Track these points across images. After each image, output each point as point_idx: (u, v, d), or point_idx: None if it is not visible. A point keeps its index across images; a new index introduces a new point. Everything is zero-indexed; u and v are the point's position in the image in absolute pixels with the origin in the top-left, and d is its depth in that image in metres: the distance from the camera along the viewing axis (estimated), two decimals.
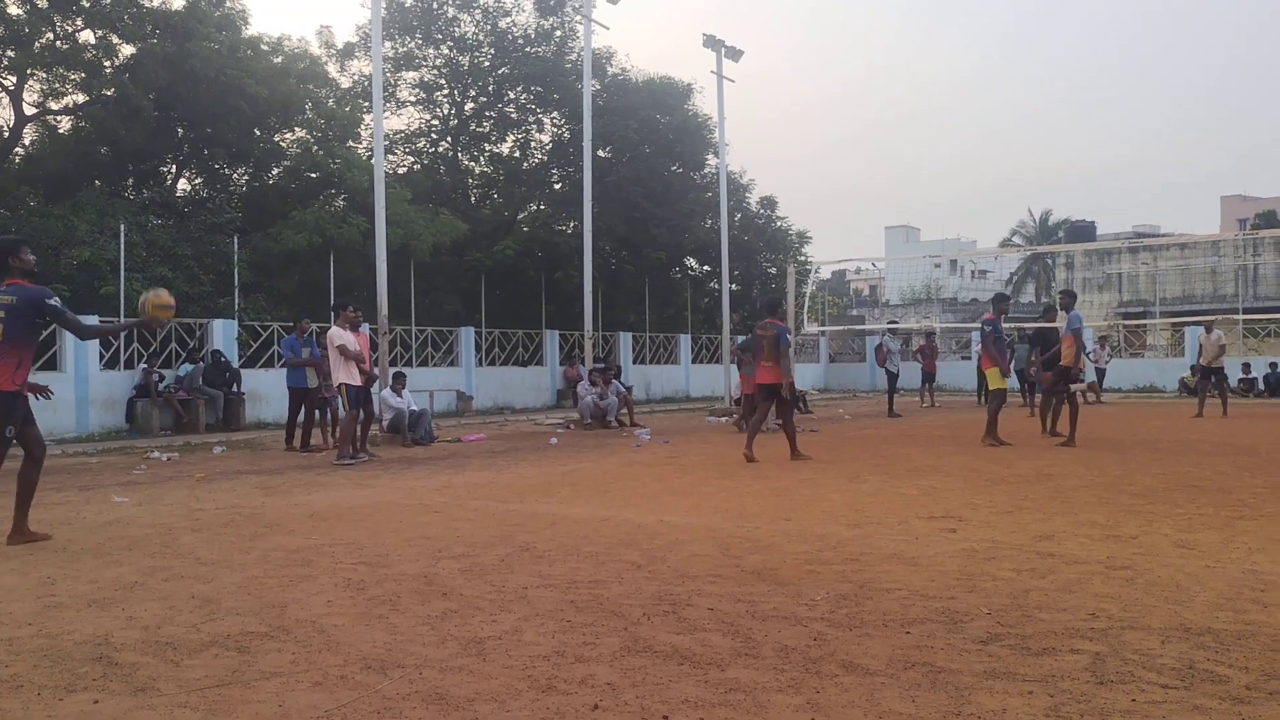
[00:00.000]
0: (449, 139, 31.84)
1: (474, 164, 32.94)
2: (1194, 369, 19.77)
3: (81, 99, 22.91)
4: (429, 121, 31.79)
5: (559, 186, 32.17)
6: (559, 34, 30.92)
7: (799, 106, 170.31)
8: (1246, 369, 28.26)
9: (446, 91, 31.34)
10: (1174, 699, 3.42)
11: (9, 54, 21.07)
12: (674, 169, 31.92)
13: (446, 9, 30.09)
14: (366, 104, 25.71)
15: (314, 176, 24.50)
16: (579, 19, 25.52)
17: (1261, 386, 27.56)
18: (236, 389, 18.44)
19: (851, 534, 6.65)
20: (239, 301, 20.58)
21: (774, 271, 33.98)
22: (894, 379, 21.77)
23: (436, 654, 4.03)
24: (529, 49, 30.38)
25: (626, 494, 8.98)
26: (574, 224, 28.30)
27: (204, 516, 7.83)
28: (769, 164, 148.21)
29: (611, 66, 31.20)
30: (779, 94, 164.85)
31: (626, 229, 29.43)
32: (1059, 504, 7.88)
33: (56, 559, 6.11)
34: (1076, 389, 13.20)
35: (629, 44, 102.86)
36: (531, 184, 32.25)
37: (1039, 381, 14.96)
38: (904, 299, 59.46)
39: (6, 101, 22.69)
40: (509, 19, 30.71)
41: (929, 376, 24.36)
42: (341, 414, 12.81)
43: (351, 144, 25.74)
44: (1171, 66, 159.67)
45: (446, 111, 31.72)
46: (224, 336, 19.05)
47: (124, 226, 18.62)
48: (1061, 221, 60.89)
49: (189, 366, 17.87)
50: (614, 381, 19.02)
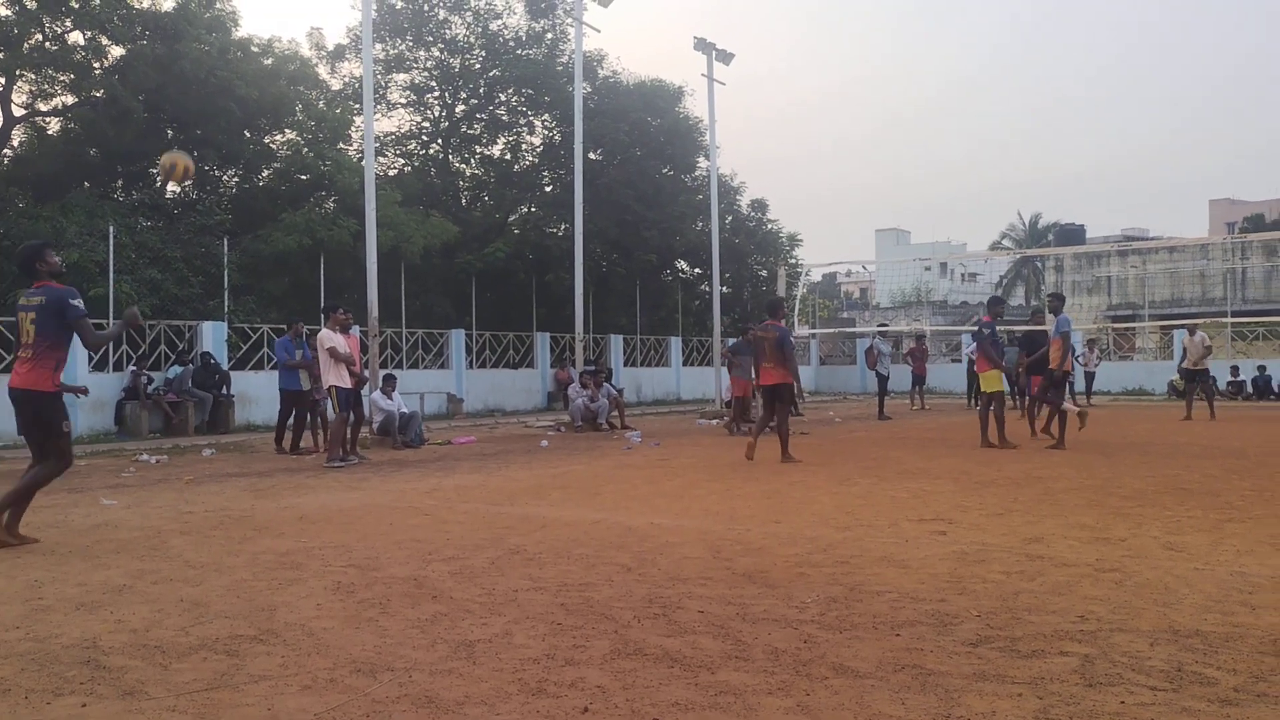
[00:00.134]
0: (440, 141, 31.82)
1: (465, 166, 32.92)
2: (1181, 372, 19.82)
3: (70, 100, 22.84)
4: (420, 123, 31.79)
5: (550, 189, 32.17)
6: (550, 36, 30.95)
7: (789, 109, 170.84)
8: (1235, 371, 28.39)
9: (437, 94, 31.32)
10: (1163, 701, 3.43)
11: None
12: (665, 171, 31.94)
13: (437, 11, 30.08)
14: (357, 106, 25.69)
15: (304, 178, 24.46)
16: (570, 22, 25.53)
17: (1250, 389, 27.69)
18: (226, 391, 18.39)
19: (842, 536, 6.66)
20: (228, 304, 20.53)
21: (765, 274, 34.05)
22: (884, 381, 21.81)
23: (426, 657, 4.02)
24: (520, 51, 30.38)
25: (617, 496, 8.97)
26: (565, 226, 28.30)
27: (193, 519, 7.80)
28: (760, 167, 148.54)
29: (603, 69, 31.22)
30: (770, 97, 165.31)
31: (618, 231, 29.44)
32: (1048, 506, 7.90)
33: (44, 562, 6.08)
34: (1069, 408, 13.14)
35: (620, 47, 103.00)
36: (522, 186, 32.25)
37: (1026, 385, 14.95)
38: (894, 302, 59.57)
39: None
40: (500, 21, 30.74)
41: (919, 379, 24.43)
42: (331, 416, 12.77)
43: (342, 146, 25.73)
44: (1161, 72, 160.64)
45: (437, 114, 31.71)
46: (213, 338, 19.00)
47: (113, 228, 18.56)
48: (1051, 225, 61.07)
49: (178, 369, 17.81)
50: (605, 384, 19.02)
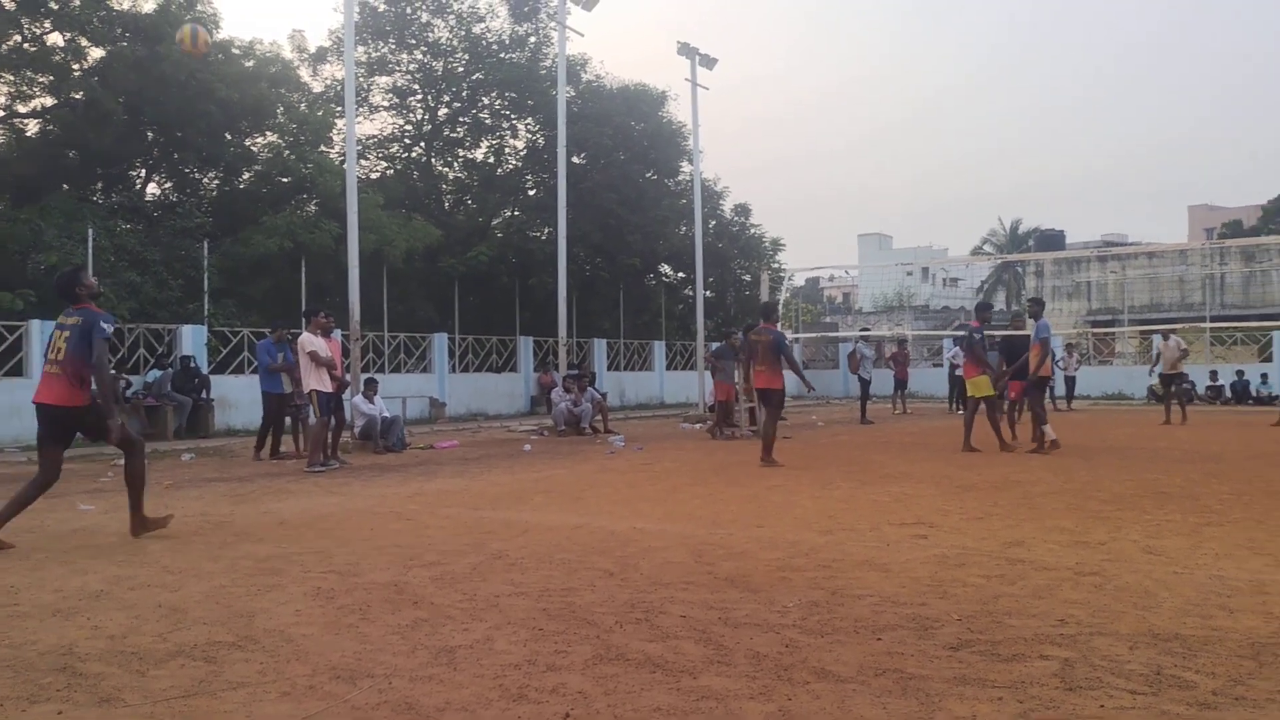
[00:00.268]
0: (422, 144, 31.74)
1: (448, 169, 32.85)
2: (1162, 377, 19.95)
3: (49, 102, 22.67)
4: (402, 126, 31.70)
5: (533, 192, 32.14)
6: (533, 40, 30.93)
7: (772, 114, 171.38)
8: (1214, 376, 28.63)
9: (420, 97, 31.25)
10: (1142, 705, 3.44)
11: None
12: (648, 176, 31.96)
13: (420, 14, 30.01)
14: (339, 108, 25.55)
15: (285, 181, 24.35)
16: (553, 25, 25.53)
17: (1228, 394, 27.91)
18: (206, 395, 18.27)
19: (824, 540, 6.67)
20: (208, 307, 20.40)
21: (748, 278, 34.10)
22: (866, 386, 21.85)
23: (406, 663, 4.00)
24: (503, 55, 30.35)
25: (600, 501, 8.96)
26: (548, 230, 28.26)
27: (172, 524, 7.73)
28: (743, 172, 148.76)
29: (586, 73, 31.22)
30: (753, 102, 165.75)
31: (601, 235, 29.43)
32: (1028, 510, 7.93)
33: (20, 567, 6.02)
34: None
35: (604, 51, 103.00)
36: (505, 190, 32.20)
37: (1004, 389, 14.97)
38: (876, 306, 59.79)
39: None
40: (483, 25, 30.70)
41: (901, 383, 24.49)
42: (312, 421, 12.70)
43: (324, 149, 25.62)
44: (1141, 80, 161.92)
45: (420, 117, 31.63)
46: (193, 342, 18.88)
47: (92, 231, 18.42)
48: (1031, 230, 61.36)
49: (157, 372, 17.69)
50: (588, 388, 19.00)
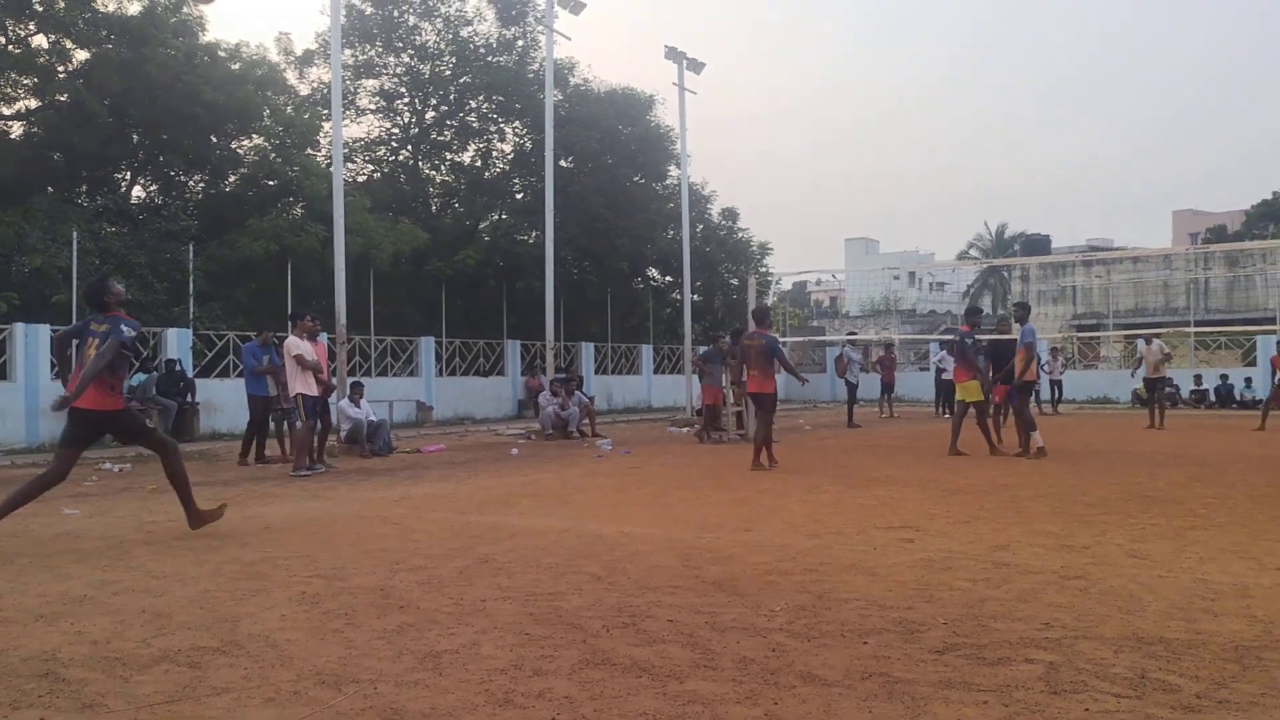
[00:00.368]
0: (409, 147, 31.70)
1: (435, 173, 32.81)
2: (1146, 381, 20.06)
3: (34, 104, 22.57)
4: (389, 130, 31.66)
5: (521, 196, 32.11)
6: (521, 44, 30.93)
7: (760, 119, 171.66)
8: (1198, 380, 28.81)
9: (407, 100, 31.21)
10: (1126, 708, 3.46)
11: None
12: (636, 179, 31.97)
13: (407, 17, 29.98)
14: (325, 111, 25.54)
15: (271, 184, 24.27)
16: (541, 29, 25.55)
17: (1212, 398, 28.08)
18: (191, 399, 18.19)
19: (811, 544, 6.68)
20: (194, 310, 20.32)
21: (735, 282, 34.13)
22: (854, 390, 21.91)
23: (392, 668, 3.99)
24: (491, 58, 30.33)
25: (587, 505, 8.95)
26: (536, 234, 28.25)
27: (156, 529, 7.71)
28: (731, 176, 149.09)
29: (574, 77, 31.22)
30: (741, 106, 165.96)
31: (589, 239, 29.43)
32: (1014, 514, 7.96)
33: (4, 572, 5.97)
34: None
35: (591, 55, 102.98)
36: (493, 193, 32.17)
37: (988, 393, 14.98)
38: (863, 310, 60.01)
39: None
40: (470, 28, 30.70)
41: (888, 387, 24.57)
42: (298, 425, 12.65)
43: (310, 152, 25.57)
44: (1126, 85, 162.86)
45: (407, 120, 31.59)
46: (178, 345, 18.80)
47: (77, 234, 18.34)
48: (1017, 235, 61.71)
49: (142, 376, 17.61)
50: (576, 392, 18.99)
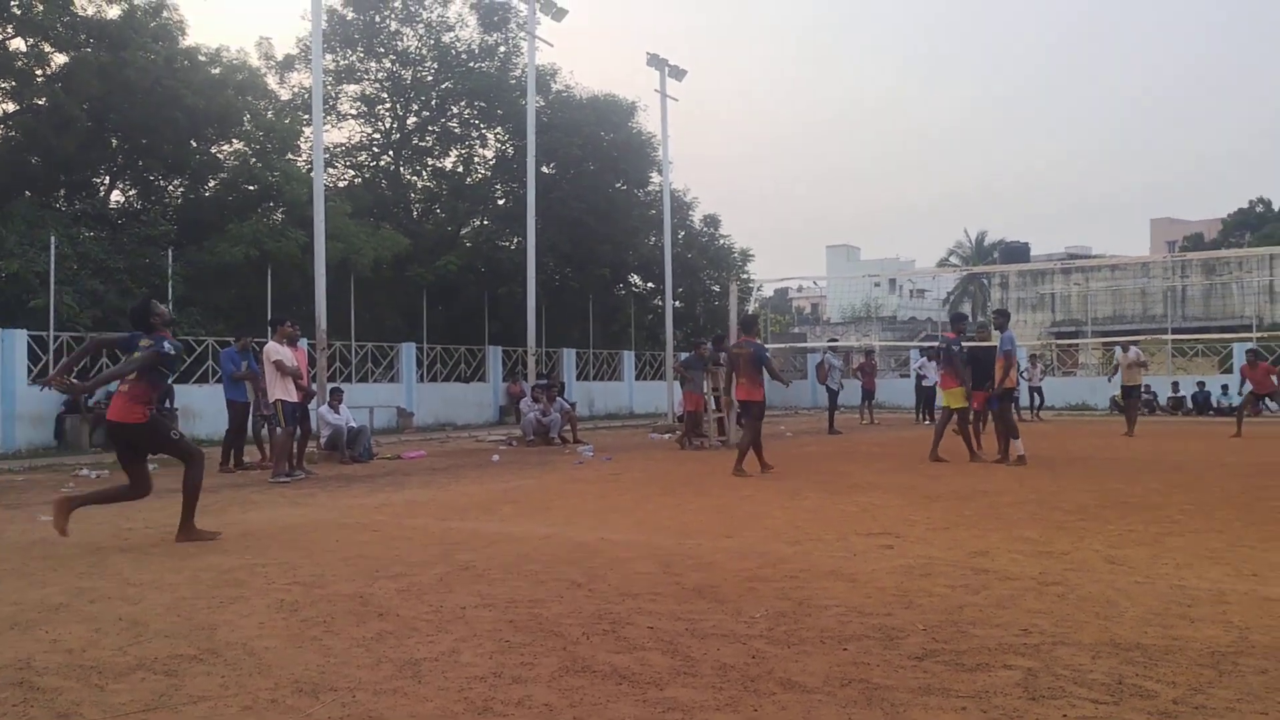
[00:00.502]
0: (391, 153, 31.62)
1: (416, 178, 32.75)
2: (1122, 389, 20.25)
3: (11, 108, 22.39)
4: (370, 135, 31.58)
5: (503, 202, 32.09)
6: (503, 50, 30.93)
7: (742, 127, 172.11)
8: (1175, 387, 29.05)
9: (388, 105, 31.15)
10: (1104, 714, 3.47)
11: None
12: (618, 186, 32.00)
13: (389, 23, 29.93)
14: (306, 116, 25.44)
15: (252, 189, 24.16)
16: (523, 35, 25.55)
17: (1189, 404, 28.30)
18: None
19: (792, 551, 6.69)
20: (172, 315, 20.18)
21: (717, 289, 34.20)
22: (835, 396, 21.96)
23: (370, 676, 3.97)
24: (473, 64, 30.32)
25: (568, 511, 8.94)
26: (518, 240, 28.24)
27: (133, 536, 7.66)
28: (712, 182, 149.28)
29: (556, 83, 31.24)
30: (723, 114, 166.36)
31: (570, 245, 29.43)
32: (993, 520, 8.00)
33: None
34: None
35: (573, 61, 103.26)
36: (475, 199, 32.13)
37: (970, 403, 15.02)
38: (845, 317, 60.22)
39: None
40: (452, 34, 30.68)
41: (869, 394, 24.63)
42: (278, 431, 12.58)
43: (291, 157, 25.47)
44: (1105, 93, 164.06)
45: (388, 125, 31.52)
46: None
47: (54, 238, 18.19)
48: (997, 242, 62.06)
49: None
50: (557, 398, 18.97)
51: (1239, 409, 19.57)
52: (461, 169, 32.36)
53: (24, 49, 21.30)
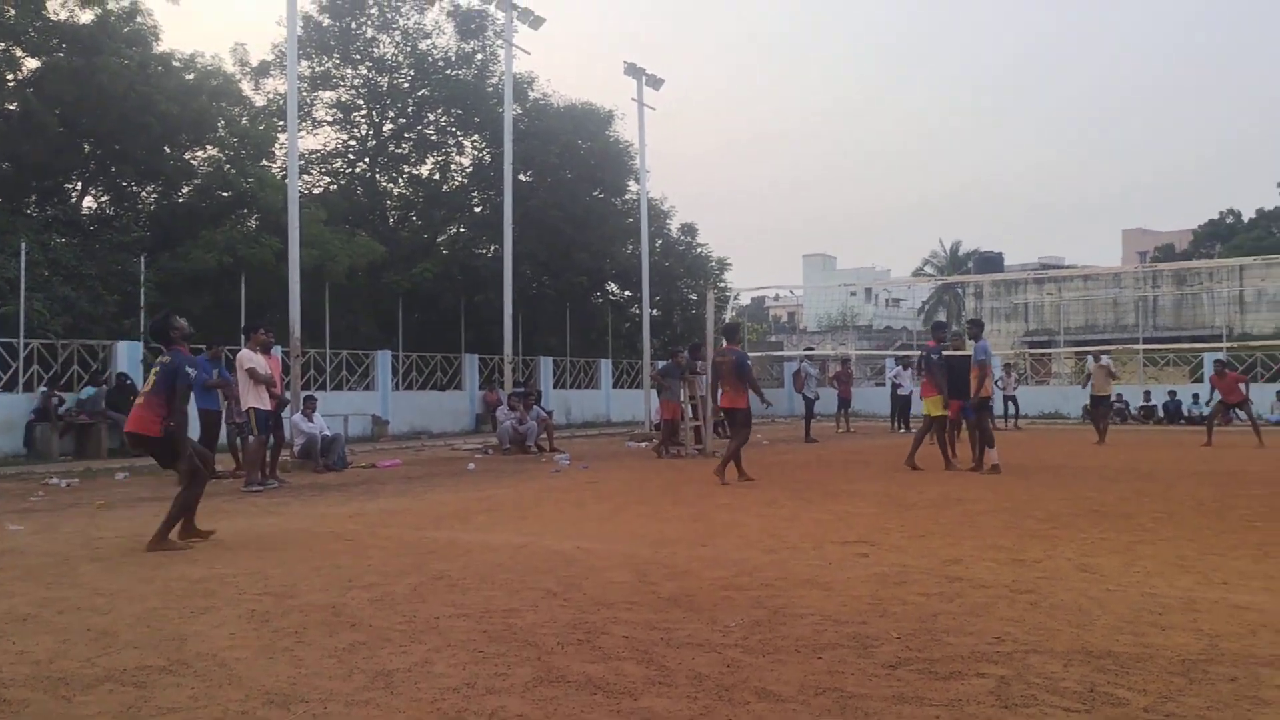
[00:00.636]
0: (367, 160, 31.50)
1: (392, 185, 32.63)
2: (1092, 398, 20.45)
3: None
4: (346, 142, 31.44)
5: (479, 210, 32.02)
6: (480, 58, 30.88)
7: (720, 135, 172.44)
8: (1147, 396, 29.33)
9: (364, 112, 31.04)
10: None
11: None
12: (595, 194, 32.01)
13: (365, 29, 29.85)
14: (281, 123, 25.27)
15: (226, 195, 23.97)
16: (500, 43, 25.51)
17: (1161, 413, 28.57)
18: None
19: (767, 559, 6.69)
20: (145, 322, 19.99)
21: (694, 297, 34.24)
22: (811, 405, 22.02)
23: (342, 687, 3.94)
24: (449, 71, 30.27)
25: (544, 520, 8.92)
26: (494, 247, 28.17)
27: (103, 545, 7.57)
28: (689, 191, 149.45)
29: (533, 91, 31.24)
30: (701, 123, 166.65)
31: (547, 253, 29.39)
32: (967, 528, 8.04)
33: None
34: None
35: (551, 70, 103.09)
36: (451, 206, 32.04)
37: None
38: (821, 326, 60.41)
39: None
40: (429, 41, 30.63)
41: (844, 402, 24.73)
42: (250, 439, 12.48)
43: (265, 163, 25.31)
44: (1076, 106, 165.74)
45: (364, 132, 31.40)
46: (129, 359, 18.50)
47: (25, 244, 17.99)
48: (971, 252, 62.47)
49: (91, 389, 17.30)
50: (534, 406, 18.92)
51: (1209, 418, 19.78)
52: (438, 176, 32.28)
53: None
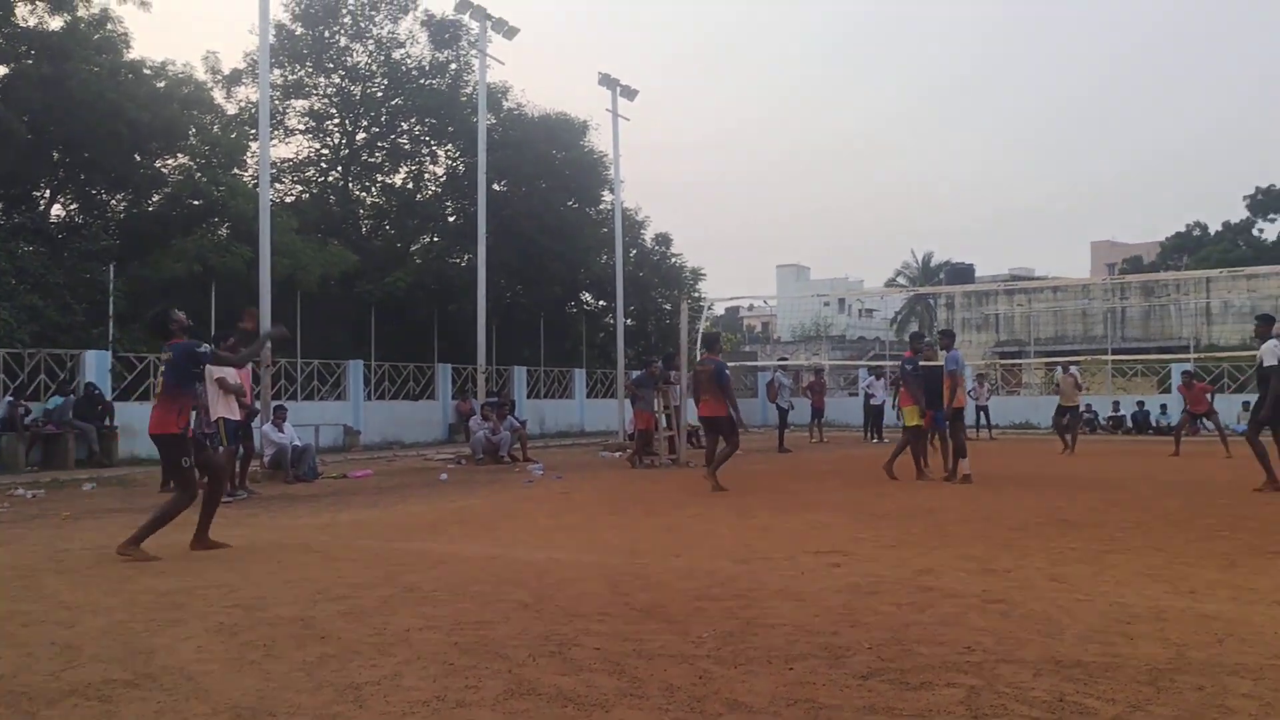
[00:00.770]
0: (339, 168, 31.37)
1: (365, 194, 32.51)
2: (1059, 408, 20.67)
3: None
4: (319, 150, 31.31)
5: (453, 219, 31.96)
6: (454, 67, 30.89)
7: (693, 145, 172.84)
8: (1115, 407, 29.63)
9: (337, 121, 30.94)
10: None
11: None
12: (570, 204, 32.03)
13: (338, 38, 29.76)
14: (253, 131, 25.15)
15: (196, 204, 23.80)
16: (474, 53, 25.51)
17: (1129, 424, 28.86)
18: (110, 423, 17.69)
19: (740, 570, 6.69)
20: (113, 332, 19.80)
21: (669, 307, 34.31)
22: (785, 415, 22.09)
23: (311, 701, 3.90)
24: (423, 81, 30.23)
25: (517, 531, 8.88)
26: (468, 257, 28.12)
27: (69, 557, 7.47)
28: (663, 201, 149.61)
29: (507, 101, 31.24)
30: (674, 133, 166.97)
31: (522, 263, 29.36)
32: (939, 538, 8.07)
33: None
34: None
35: (525, 80, 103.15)
36: (425, 216, 31.95)
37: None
38: (795, 336, 60.69)
39: None
40: (403, 50, 30.59)
41: (818, 412, 24.83)
42: (219, 450, 12.35)
43: (237, 171, 25.16)
44: (1047, 118, 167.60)
45: (337, 141, 31.29)
46: (97, 368, 18.29)
47: None
48: (943, 263, 62.89)
49: (59, 399, 17.09)
50: (508, 416, 18.86)
51: (1177, 428, 20.01)
52: (411, 185, 32.20)
53: None
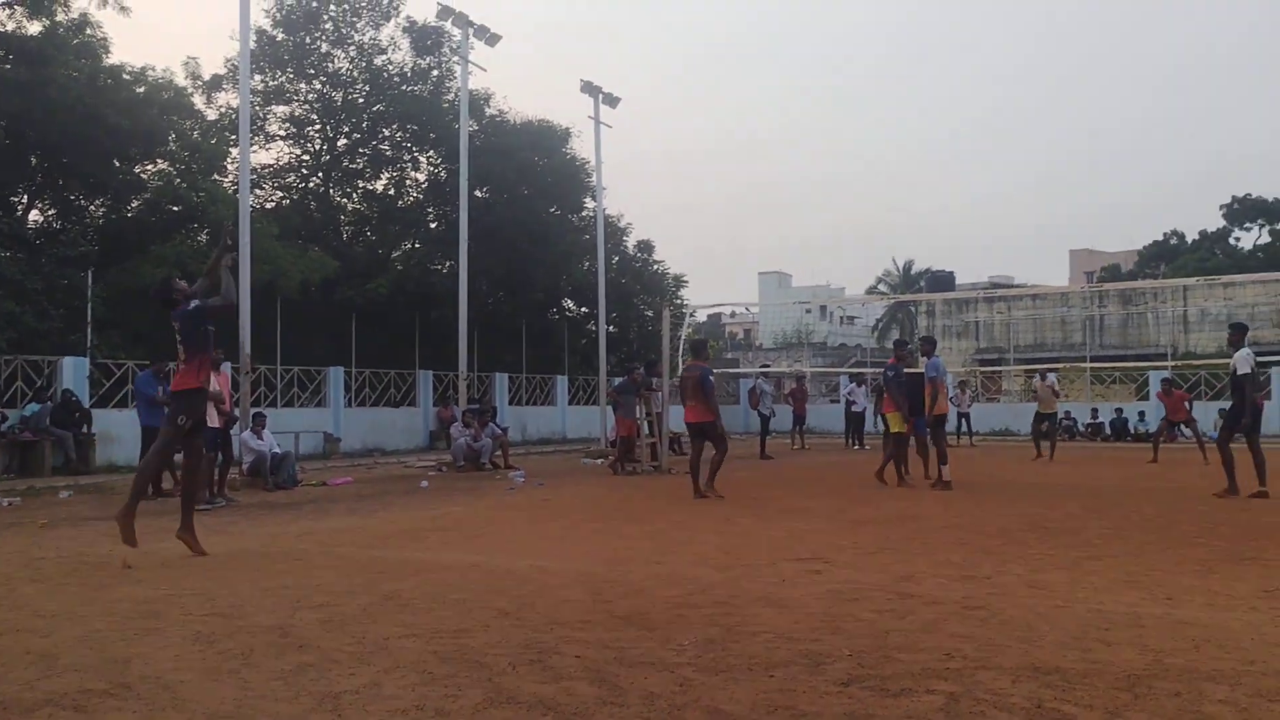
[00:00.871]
0: (320, 175, 31.25)
1: (346, 201, 32.39)
2: (1036, 415, 20.81)
3: None
4: (299, 156, 31.17)
5: (435, 226, 31.88)
6: (436, 73, 30.83)
7: (676, 153, 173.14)
8: (1094, 414, 29.83)
9: (318, 127, 30.81)
10: None
11: None
12: (552, 211, 32.01)
13: (320, 44, 29.66)
14: (233, 137, 25.01)
15: (176, 210, 23.63)
16: (456, 60, 25.48)
17: (1108, 430, 29.06)
18: (87, 430, 17.55)
19: (722, 577, 6.70)
20: (92, 339, 19.64)
21: (650, 314, 34.32)
22: (767, 421, 22.13)
23: (289, 710, 3.87)
24: (405, 87, 30.16)
25: (498, 539, 8.86)
26: (450, 263, 28.03)
27: (45, 566, 7.39)
28: (646, 208, 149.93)
29: (489, 108, 31.20)
30: (657, 140, 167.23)
31: (504, 270, 29.32)
32: (919, 545, 8.10)
33: None
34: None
35: (507, 86, 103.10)
36: (406, 222, 31.86)
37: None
38: (776, 343, 60.82)
39: None
40: (385, 57, 30.51)
41: (799, 419, 24.89)
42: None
43: (216, 177, 25.00)
44: (1025, 126, 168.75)
45: (318, 147, 31.16)
46: (75, 375, 18.15)
47: None
48: (923, 271, 63.24)
49: (35, 406, 16.94)
50: (489, 423, 18.82)
51: (1155, 435, 20.17)
52: (393, 192, 32.11)
53: None
